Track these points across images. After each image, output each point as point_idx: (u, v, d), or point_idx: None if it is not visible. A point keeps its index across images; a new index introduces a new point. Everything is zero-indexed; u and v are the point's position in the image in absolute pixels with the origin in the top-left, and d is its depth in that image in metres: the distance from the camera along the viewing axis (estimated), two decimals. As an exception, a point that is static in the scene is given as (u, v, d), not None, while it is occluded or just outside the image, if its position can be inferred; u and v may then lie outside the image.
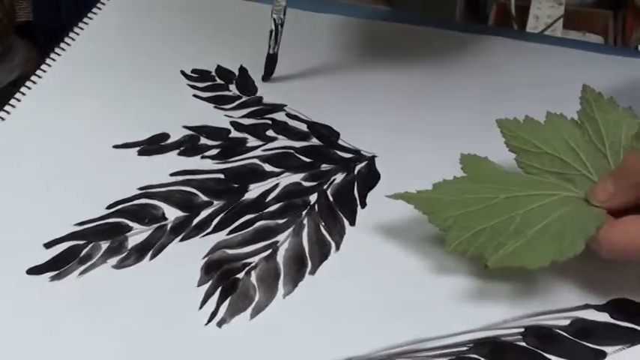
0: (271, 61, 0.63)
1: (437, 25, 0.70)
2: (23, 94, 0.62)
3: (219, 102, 0.62)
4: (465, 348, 0.47)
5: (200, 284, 0.49)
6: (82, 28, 0.67)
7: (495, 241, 0.48)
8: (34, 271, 0.50)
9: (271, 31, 0.62)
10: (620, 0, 1.28)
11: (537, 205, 0.49)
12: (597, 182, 0.50)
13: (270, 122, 0.60)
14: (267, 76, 0.63)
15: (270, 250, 0.51)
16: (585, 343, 0.47)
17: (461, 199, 0.50)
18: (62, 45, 0.65)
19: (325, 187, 0.55)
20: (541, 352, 0.47)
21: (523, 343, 0.47)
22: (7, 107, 0.61)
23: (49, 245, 0.51)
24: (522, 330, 0.47)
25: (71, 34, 0.66)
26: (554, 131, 0.53)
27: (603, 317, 0.48)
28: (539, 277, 0.50)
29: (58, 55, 0.65)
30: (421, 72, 0.65)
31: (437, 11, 0.79)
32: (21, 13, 1.26)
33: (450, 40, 0.69)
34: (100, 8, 0.69)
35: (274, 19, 0.61)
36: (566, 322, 0.48)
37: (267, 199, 0.54)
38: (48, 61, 0.64)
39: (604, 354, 0.47)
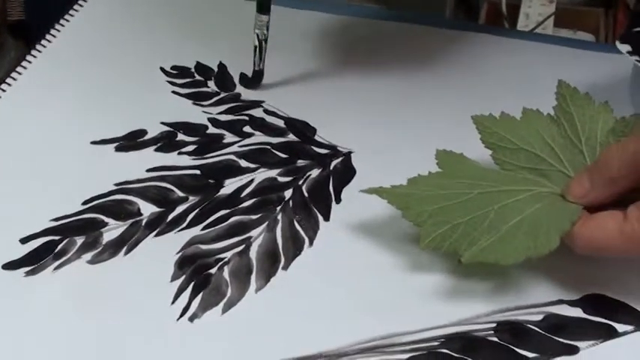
0: (257, 76, 0.62)
1: (423, 22, 0.70)
2: (3, 90, 0.62)
3: (197, 98, 0.62)
4: (436, 343, 0.47)
5: (173, 279, 0.49)
6: (62, 25, 0.67)
7: (469, 236, 0.48)
8: (10, 266, 0.50)
9: (255, 48, 0.61)
10: (612, -3, 1.28)
11: (512, 200, 0.49)
12: (573, 178, 0.50)
13: (247, 118, 0.60)
14: (253, 88, 0.63)
15: (243, 246, 0.51)
16: (557, 338, 0.47)
17: (435, 195, 0.50)
18: (43, 42, 0.66)
19: (300, 182, 0.55)
20: (513, 347, 0.47)
21: (495, 338, 0.47)
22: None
23: (24, 241, 0.51)
24: (494, 325, 0.47)
25: (52, 31, 0.67)
26: (529, 127, 0.53)
27: (576, 312, 0.49)
28: (513, 272, 0.50)
29: (39, 52, 0.65)
30: (403, 69, 0.66)
31: (427, 9, 0.79)
32: (13, 12, 1.26)
33: (435, 37, 0.69)
34: (81, 5, 0.69)
35: (257, 35, 0.61)
36: (539, 317, 0.48)
37: (242, 195, 0.54)
38: (29, 57, 0.64)
39: (576, 349, 0.47)
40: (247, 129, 0.59)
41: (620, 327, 0.48)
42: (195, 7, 0.71)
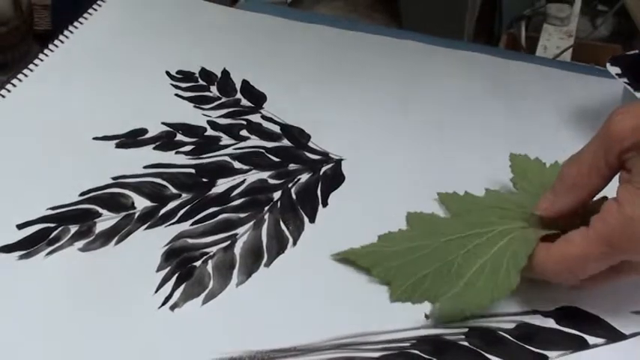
0: None
1: (421, 40, 0.72)
2: (14, 84, 0.64)
3: (199, 102, 0.64)
4: (407, 344, 0.48)
5: (159, 270, 0.51)
6: (76, 27, 0.70)
7: (438, 285, 0.49)
8: (4, 249, 0.52)
9: None
10: (632, 34, 1.29)
11: (474, 243, 0.50)
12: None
13: (245, 123, 0.62)
14: None
15: (228, 242, 0.53)
16: (527, 347, 0.48)
17: (402, 249, 0.51)
18: (56, 42, 0.68)
19: (290, 185, 0.57)
20: (483, 352, 0.48)
21: (466, 343, 0.48)
22: (2, 91, 0.64)
23: (21, 226, 0.53)
24: (466, 330, 0.49)
25: (65, 33, 0.69)
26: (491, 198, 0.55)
27: (549, 323, 0.49)
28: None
29: (51, 51, 0.68)
30: (400, 82, 0.67)
31: (446, 33, 0.80)
32: (41, 22, 1.30)
33: (433, 54, 0.71)
34: (95, 9, 0.72)
35: None
36: (512, 325, 0.49)
37: (233, 194, 0.56)
38: (41, 56, 0.67)
39: (545, 358, 0.48)
40: (244, 133, 0.61)
41: (591, 339, 0.49)
42: (203, 17, 0.73)
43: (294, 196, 0.56)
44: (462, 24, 1.00)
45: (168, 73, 0.66)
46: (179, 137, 0.60)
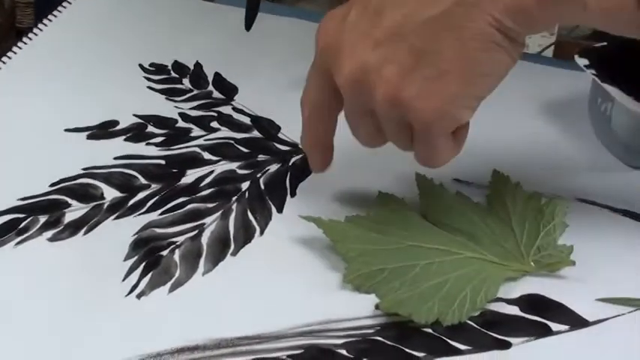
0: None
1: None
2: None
3: (171, 94, 0.64)
4: (371, 330, 0.48)
5: (126, 259, 0.51)
6: (50, 20, 0.70)
7: (390, 284, 0.50)
8: (-27, 240, 0.52)
9: None
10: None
11: (439, 260, 0.51)
12: None
13: (215, 114, 0.62)
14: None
15: (196, 231, 0.53)
16: (491, 333, 0.49)
17: (368, 236, 0.52)
18: (30, 35, 0.69)
19: (259, 175, 0.57)
20: (446, 339, 0.48)
21: (429, 329, 0.48)
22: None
23: (-9, 217, 0.54)
24: (430, 318, 0.49)
25: (39, 25, 0.70)
26: (464, 201, 0.56)
27: (513, 311, 0.50)
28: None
29: (25, 44, 0.68)
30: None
31: None
32: (24, 19, 1.30)
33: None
34: (69, 2, 0.72)
35: None
36: (476, 313, 0.49)
37: (202, 184, 0.56)
38: (14, 49, 0.67)
39: (508, 344, 0.48)
40: (214, 124, 0.61)
41: (554, 326, 0.49)
42: (178, 10, 0.74)
43: (262, 187, 0.56)
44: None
45: (141, 66, 0.67)
46: (150, 129, 0.61)
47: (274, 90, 0.65)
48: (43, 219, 0.54)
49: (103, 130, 0.61)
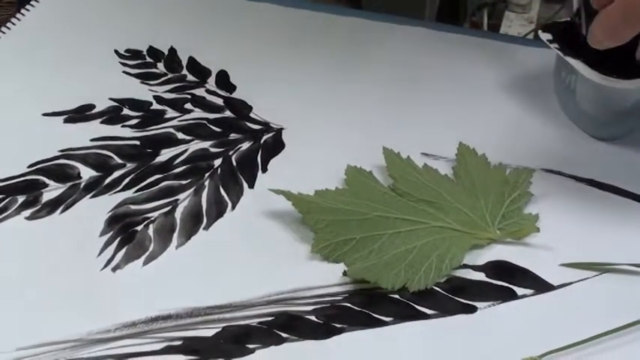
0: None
1: (363, 17, 0.73)
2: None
3: (146, 78, 0.65)
4: (339, 297, 0.50)
5: (102, 234, 0.53)
6: (28, 10, 0.72)
7: (358, 253, 0.51)
8: (-48, 221, 0.54)
9: None
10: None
11: (406, 229, 0.52)
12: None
13: (189, 97, 0.64)
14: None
15: (170, 207, 0.55)
16: (457, 299, 0.50)
17: (337, 208, 0.53)
18: (7, 24, 0.70)
19: (230, 153, 0.59)
20: (413, 304, 0.50)
21: (396, 296, 0.50)
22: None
23: (-31, 199, 0.55)
24: (399, 284, 0.50)
25: (17, 15, 0.71)
26: (431, 172, 0.57)
27: (479, 277, 0.51)
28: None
29: (3, 32, 0.69)
30: (344, 58, 0.68)
31: (406, 13, 0.81)
32: (3, 12, 1.30)
33: (374, 30, 0.71)
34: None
35: None
36: (443, 279, 0.51)
37: (175, 162, 0.58)
38: (-6, 34, 0.69)
39: (474, 308, 0.50)
40: (188, 106, 0.63)
41: (519, 290, 0.51)
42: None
43: (234, 163, 0.58)
44: (422, 10, 1.02)
45: (116, 51, 0.68)
46: (125, 112, 0.62)
47: (246, 72, 0.66)
48: (21, 199, 0.55)
49: (80, 114, 0.62)
